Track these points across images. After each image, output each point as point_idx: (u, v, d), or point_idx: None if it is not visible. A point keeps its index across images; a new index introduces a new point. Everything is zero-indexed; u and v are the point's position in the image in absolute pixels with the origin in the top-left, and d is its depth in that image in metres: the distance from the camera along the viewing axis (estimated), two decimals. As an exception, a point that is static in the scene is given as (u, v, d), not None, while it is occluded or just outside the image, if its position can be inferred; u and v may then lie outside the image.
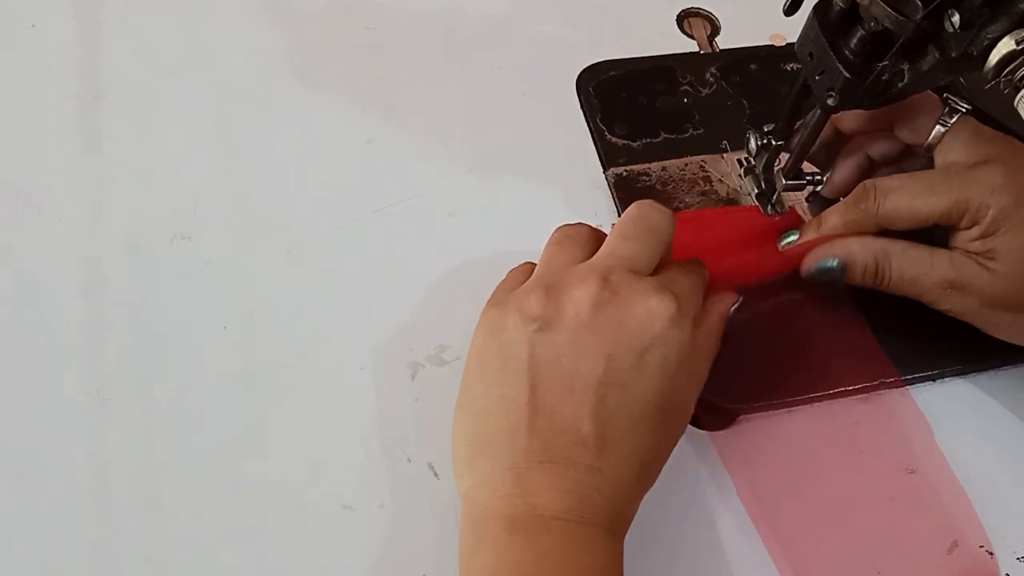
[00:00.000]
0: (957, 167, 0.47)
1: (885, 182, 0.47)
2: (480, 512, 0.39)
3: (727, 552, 0.45)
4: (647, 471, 0.41)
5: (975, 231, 0.45)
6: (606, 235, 0.44)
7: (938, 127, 0.48)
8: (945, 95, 0.48)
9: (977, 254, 0.46)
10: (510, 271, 0.45)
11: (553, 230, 0.45)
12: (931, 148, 0.48)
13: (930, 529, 0.46)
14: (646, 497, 0.41)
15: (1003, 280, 0.45)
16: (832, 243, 0.49)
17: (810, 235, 0.49)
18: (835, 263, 0.48)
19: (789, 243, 0.50)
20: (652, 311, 0.40)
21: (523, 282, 0.43)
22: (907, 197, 0.46)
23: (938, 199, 0.46)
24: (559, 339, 0.40)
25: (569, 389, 0.39)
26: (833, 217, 0.49)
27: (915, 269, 0.47)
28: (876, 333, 0.49)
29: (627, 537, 0.43)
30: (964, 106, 0.48)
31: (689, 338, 0.41)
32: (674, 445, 0.42)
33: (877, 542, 0.46)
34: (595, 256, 0.43)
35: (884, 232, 0.48)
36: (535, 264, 0.45)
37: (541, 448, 0.39)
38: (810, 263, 0.49)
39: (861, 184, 0.48)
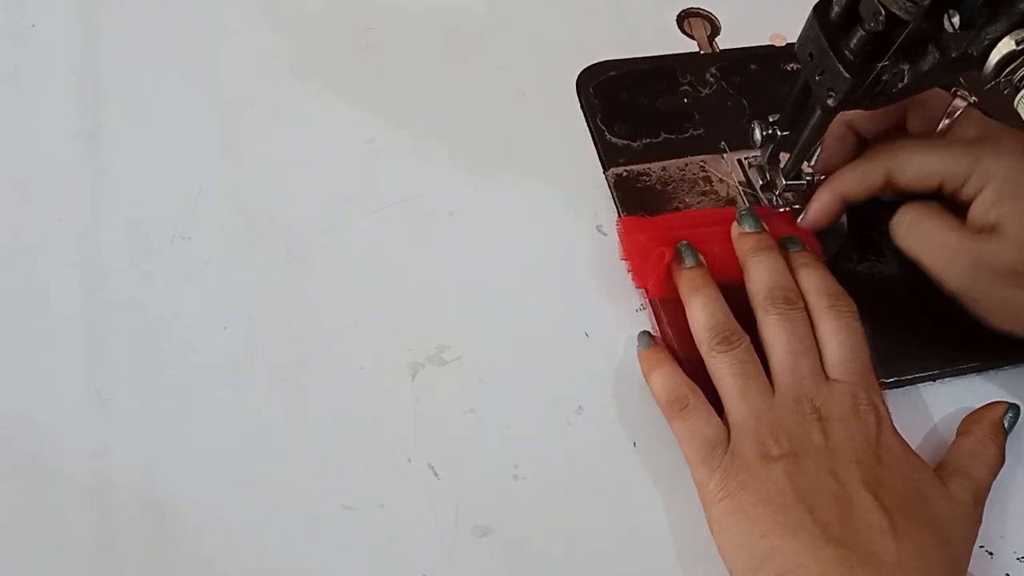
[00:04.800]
0: (966, 139, 0.48)
1: (895, 142, 0.49)
2: None
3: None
4: None
5: (988, 194, 0.45)
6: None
7: (945, 120, 0.48)
8: (953, 89, 0.49)
9: (989, 225, 0.45)
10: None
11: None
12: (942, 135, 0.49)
13: (930, 529, 0.46)
14: (646, 496, 0.41)
15: (1012, 245, 0.45)
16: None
17: (823, 197, 0.50)
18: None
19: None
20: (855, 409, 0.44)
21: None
22: (918, 151, 0.47)
23: (950, 156, 0.46)
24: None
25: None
26: (842, 173, 0.50)
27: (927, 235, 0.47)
28: (876, 333, 0.48)
29: (626, 537, 0.43)
30: (971, 98, 0.49)
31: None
32: None
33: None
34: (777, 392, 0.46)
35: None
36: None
37: None
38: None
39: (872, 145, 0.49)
